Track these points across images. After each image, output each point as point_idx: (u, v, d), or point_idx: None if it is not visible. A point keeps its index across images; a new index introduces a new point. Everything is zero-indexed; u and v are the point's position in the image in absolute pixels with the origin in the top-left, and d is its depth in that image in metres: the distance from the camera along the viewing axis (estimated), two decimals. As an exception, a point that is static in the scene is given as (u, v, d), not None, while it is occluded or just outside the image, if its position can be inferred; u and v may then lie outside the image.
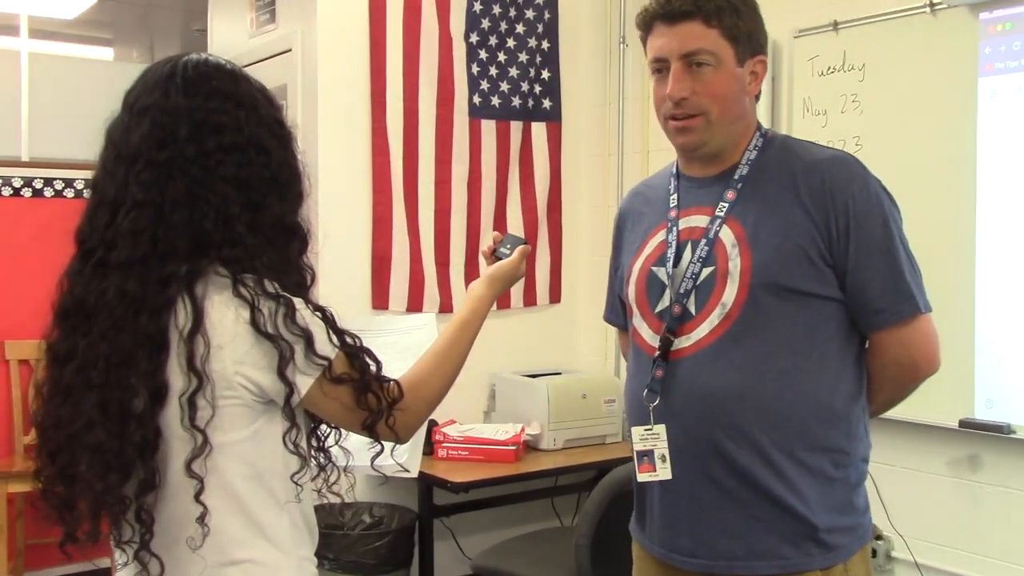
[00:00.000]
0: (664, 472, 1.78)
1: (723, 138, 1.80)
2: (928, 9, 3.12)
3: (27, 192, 4.42)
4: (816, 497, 1.73)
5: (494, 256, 1.88)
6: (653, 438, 1.79)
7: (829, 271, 1.73)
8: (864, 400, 1.82)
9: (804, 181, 1.75)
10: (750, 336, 1.73)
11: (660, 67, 1.80)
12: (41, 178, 4.44)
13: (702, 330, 1.76)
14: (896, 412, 1.93)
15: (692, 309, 1.78)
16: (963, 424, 3.05)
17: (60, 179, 4.47)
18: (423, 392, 1.59)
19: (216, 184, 1.44)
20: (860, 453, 1.81)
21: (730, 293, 1.74)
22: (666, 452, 1.78)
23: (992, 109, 3.00)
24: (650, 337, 1.84)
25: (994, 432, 3.00)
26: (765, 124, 1.88)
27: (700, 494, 1.76)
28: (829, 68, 3.41)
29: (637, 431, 1.82)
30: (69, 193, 4.49)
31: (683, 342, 1.78)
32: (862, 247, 1.72)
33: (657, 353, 1.80)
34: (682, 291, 1.79)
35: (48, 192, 4.46)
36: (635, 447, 1.82)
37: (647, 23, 1.81)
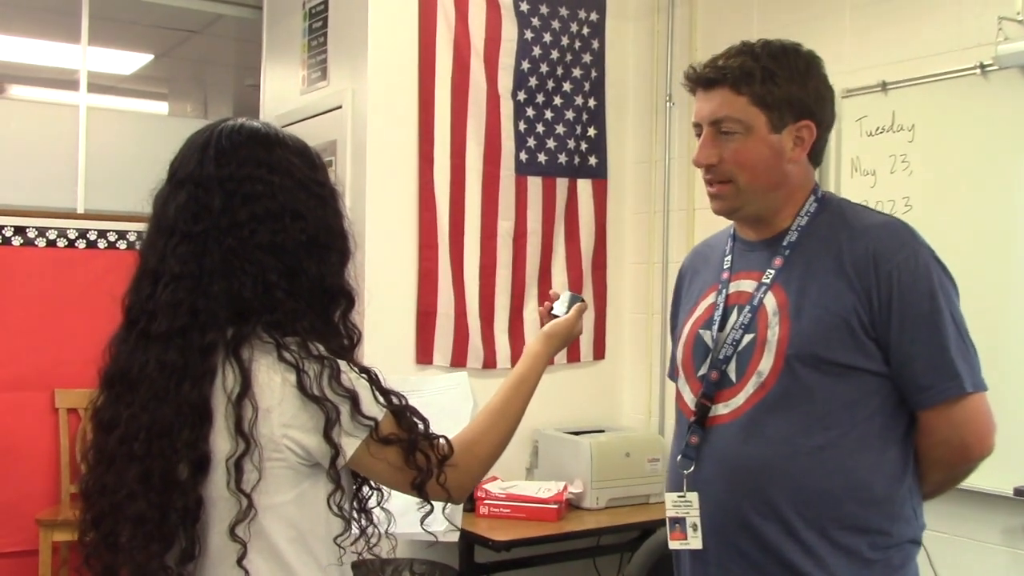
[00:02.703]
0: (695, 541, 1.73)
1: (759, 205, 1.77)
2: (979, 71, 3.10)
3: (81, 243, 4.50)
4: None
5: (550, 315, 1.85)
6: (686, 505, 1.75)
7: (872, 344, 1.66)
8: (912, 480, 1.73)
9: (849, 248, 1.69)
10: (785, 408, 1.67)
11: (698, 131, 1.79)
12: (95, 230, 4.52)
13: (739, 399, 1.72)
14: (949, 479, 1.88)
15: (732, 376, 1.73)
16: (1018, 492, 2.97)
17: (114, 231, 4.54)
18: (477, 450, 1.58)
19: (252, 252, 1.45)
20: (906, 535, 1.71)
21: (767, 362, 1.69)
22: (697, 521, 1.73)
23: (1045, 171, 2.96)
24: (690, 401, 1.81)
25: (1050, 501, 2.92)
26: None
27: (729, 565, 1.71)
28: (878, 128, 3.39)
29: (670, 497, 1.78)
30: (122, 245, 4.56)
31: (720, 409, 1.74)
32: (906, 320, 1.65)
33: (694, 419, 1.77)
34: (721, 357, 1.75)
35: (102, 243, 4.53)
36: (668, 513, 1.77)
37: (690, 89, 1.81)
